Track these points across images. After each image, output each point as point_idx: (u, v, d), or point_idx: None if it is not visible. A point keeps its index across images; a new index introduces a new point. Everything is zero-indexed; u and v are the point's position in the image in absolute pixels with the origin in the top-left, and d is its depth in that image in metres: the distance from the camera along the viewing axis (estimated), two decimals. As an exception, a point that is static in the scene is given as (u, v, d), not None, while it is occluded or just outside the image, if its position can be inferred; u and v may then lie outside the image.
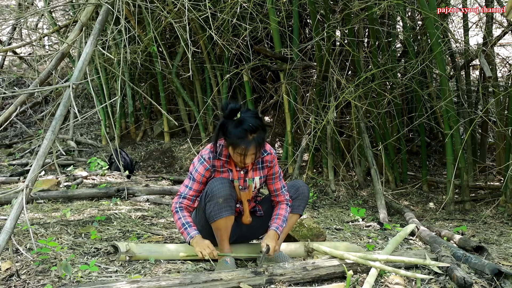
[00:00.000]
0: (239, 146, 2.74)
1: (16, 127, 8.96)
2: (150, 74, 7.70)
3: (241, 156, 2.77)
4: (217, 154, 2.87)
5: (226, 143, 2.81)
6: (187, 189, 2.87)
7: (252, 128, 2.74)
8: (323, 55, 5.58)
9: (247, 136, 2.73)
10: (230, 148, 2.79)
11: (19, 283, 2.53)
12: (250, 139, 2.73)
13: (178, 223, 2.83)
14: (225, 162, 2.89)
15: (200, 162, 2.86)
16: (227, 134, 2.77)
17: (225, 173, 2.89)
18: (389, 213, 4.89)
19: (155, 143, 7.69)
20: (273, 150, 3.02)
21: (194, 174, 2.86)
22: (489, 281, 2.67)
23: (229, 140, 2.77)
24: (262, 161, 2.98)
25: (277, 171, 3.03)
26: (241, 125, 2.74)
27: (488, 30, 6.00)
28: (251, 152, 2.76)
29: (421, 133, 6.48)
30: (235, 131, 2.74)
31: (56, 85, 3.21)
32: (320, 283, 2.65)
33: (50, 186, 4.93)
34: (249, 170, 2.94)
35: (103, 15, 3.49)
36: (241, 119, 2.76)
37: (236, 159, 2.81)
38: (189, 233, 2.78)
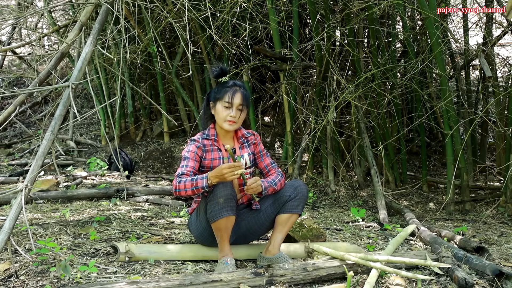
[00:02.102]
0: (226, 94, 2.92)
1: (16, 127, 8.95)
2: (150, 74, 7.70)
3: (229, 106, 2.90)
4: (205, 135, 2.99)
5: (214, 102, 2.97)
6: (183, 167, 2.86)
7: (238, 83, 3.00)
8: (323, 55, 5.57)
9: (234, 86, 2.96)
10: (218, 103, 2.94)
11: (18, 283, 2.52)
12: (237, 88, 2.95)
13: (187, 184, 2.73)
14: (214, 141, 2.98)
15: (191, 142, 2.97)
16: (215, 91, 2.98)
17: (215, 152, 2.96)
18: (389, 214, 4.89)
19: (155, 143, 7.69)
20: (255, 132, 3.18)
21: (187, 153, 2.91)
22: (490, 282, 2.66)
23: (218, 94, 2.95)
24: (247, 140, 3.10)
25: (262, 148, 3.16)
26: (228, 82, 3.00)
27: (488, 30, 6.00)
28: (238, 101, 2.92)
29: (421, 133, 6.47)
30: (221, 86, 2.98)
31: (56, 85, 3.20)
32: (321, 284, 2.64)
33: (50, 186, 4.92)
34: (236, 149, 3.04)
35: (102, 15, 3.48)
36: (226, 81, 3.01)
37: (223, 114, 2.92)
38: (202, 177, 2.72)
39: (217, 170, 2.70)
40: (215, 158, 2.95)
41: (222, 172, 2.67)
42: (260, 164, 3.13)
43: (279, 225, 2.98)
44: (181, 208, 4.57)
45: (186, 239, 3.44)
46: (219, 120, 2.96)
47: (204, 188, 2.72)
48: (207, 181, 2.71)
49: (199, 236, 3.03)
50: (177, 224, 3.92)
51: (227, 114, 2.92)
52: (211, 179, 2.71)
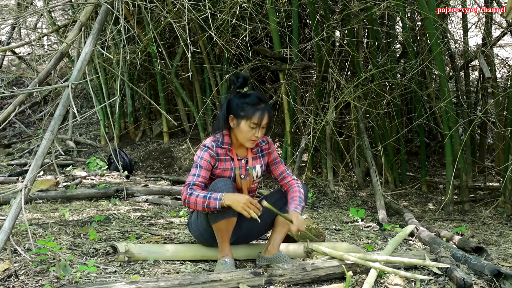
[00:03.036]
0: (255, 115, 2.74)
1: (15, 127, 8.95)
2: (150, 74, 7.70)
3: (256, 127, 2.76)
4: (219, 143, 2.86)
5: (238, 118, 2.78)
6: (195, 176, 2.78)
7: (263, 97, 2.81)
8: (322, 55, 5.58)
9: (260, 103, 2.77)
10: (243, 122, 2.76)
11: (18, 283, 2.53)
12: (264, 107, 2.77)
13: (199, 200, 2.66)
14: (227, 150, 2.88)
15: (204, 150, 2.83)
16: (239, 106, 2.78)
17: (227, 162, 2.87)
18: (389, 214, 4.89)
19: (154, 143, 7.69)
20: (269, 139, 3.05)
21: (200, 161, 2.80)
22: (488, 282, 2.67)
23: (243, 112, 2.76)
24: (261, 149, 3.00)
25: (276, 156, 3.06)
26: (252, 95, 2.80)
27: (488, 31, 6.01)
28: (265, 121, 2.78)
29: (420, 133, 6.48)
30: (248, 99, 2.78)
31: (55, 85, 3.21)
32: (320, 283, 2.64)
33: (49, 186, 4.92)
34: (249, 159, 2.94)
35: (102, 15, 3.49)
36: (247, 92, 2.82)
37: (247, 135, 2.78)
38: (216, 198, 2.63)
39: (237, 198, 2.63)
40: (227, 168, 2.87)
41: (240, 204, 2.61)
42: (274, 172, 3.05)
43: (279, 225, 2.98)
44: (180, 208, 4.57)
45: (185, 239, 3.44)
46: (241, 138, 2.83)
47: (216, 209, 2.66)
48: (221, 203, 2.63)
49: (199, 236, 3.02)
50: (176, 224, 3.92)
51: (252, 134, 2.79)
52: (226, 201, 2.63)
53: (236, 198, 2.64)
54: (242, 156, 2.94)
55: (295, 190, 2.98)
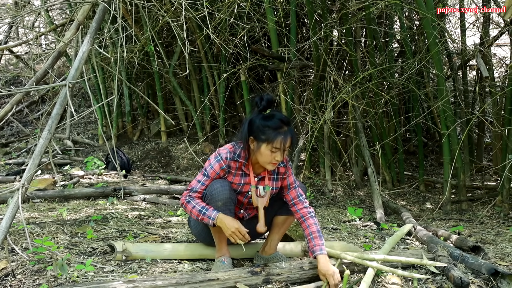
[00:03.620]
0: (277, 139, 2.60)
1: (13, 126, 8.94)
2: (147, 73, 7.69)
3: (278, 151, 2.63)
4: (236, 155, 2.75)
5: (258, 141, 2.65)
6: (199, 184, 2.73)
7: (287, 119, 2.68)
8: (320, 54, 5.58)
9: (283, 127, 2.64)
10: (264, 146, 2.63)
11: (15, 282, 2.52)
12: (287, 130, 2.64)
13: (194, 212, 2.67)
14: (242, 165, 2.77)
15: (216, 159, 2.73)
16: (260, 129, 2.64)
17: (237, 176, 2.78)
18: (386, 213, 4.90)
19: (152, 143, 7.68)
20: (288, 161, 2.89)
21: (208, 170, 2.74)
22: (485, 281, 2.67)
23: (264, 135, 2.63)
24: (277, 172, 2.86)
25: (292, 181, 2.88)
26: (274, 117, 2.66)
27: (485, 30, 6.01)
28: (288, 145, 2.65)
29: (418, 133, 6.48)
30: (270, 122, 2.64)
31: (53, 84, 3.20)
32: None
33: (47, 185, 4.92)
34: (266, 178, 2.83)
35: (100, 14, 3.48)
36: (270, 113, 2.68)
37: (268, 158, 2.65)
38: (210, 216, 2.63)
39: (229, 224, 2.60)
40: (236, 183, 2.78)
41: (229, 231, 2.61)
42: (286, 196, 2.89)
43: (276, 226, 2.98)
44: (178, 207, 4.57)
45: (183, 238, 3.44)
46: (261, 160, 2.70)
47: (209, 225, 2.68)
48: (214, 223, 2.63)
49: (197, 234, 3.03)
50: (174, 223, 3.92)
51: (273, 157, 2.65)
52: (218, 223, 2.62)
53: (227, 223, 2.62)
54: (257, 174, 2.83)
55: (311, 224, 2.80)
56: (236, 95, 7.32)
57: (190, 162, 6.95)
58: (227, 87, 6.94)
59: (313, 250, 2.70)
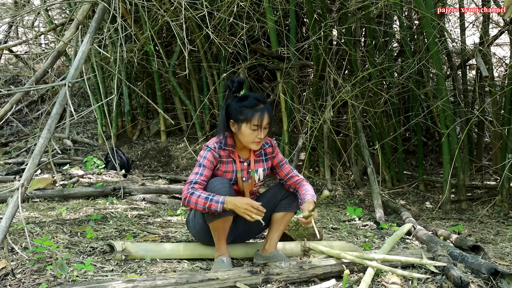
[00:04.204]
0: (254, 117, 2.72)
1: (12, 126, 8.94)
2: (147, 73, 7.69)
3: (257, 128, 2.73)
4: (222, 145, 2.83)
5: (238, 122, 2.77)
6: (198, 175, 2.75)
7: (262, 97, 2.81)
8: (320, 54, 5.58)
9: (259, 105, 2.75)
10: (244, 125, 2.74)
11: (14, 282, 2.52)
12: (263, 107, 2.75)
13: (200, 201, 2.63)
14: (230, 152, 2.86)
15: (207, 150, 2.81)
16: (237, 110, 2.76)
17: (229, 164, 2.86)
18: (386, 213, 4.90)
19: (152, 142, 7.68)
20: (273, 141, 3.01)
21: (203, 161, 2.78)
22: (485, 281, 2.67)
23: (242, 115, 2.75)
24: (265, 153, 2.96)
25: (281, 158, 3.01)
26: (249, 97, 2.79)
27: (485, 29, 6.01)
28: (266, 121, 2.75)
29: (417, 132, 6.48)
30: (246, 102, 2.76)
31: (52, 84, 3.20)
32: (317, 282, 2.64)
33: (46, 185, 4.91)
34: (251, 162, 2.91)
35: (99, 13, 3.48)
36: (245, 94, 2.83)
37: (250, 137, 2.76)
38: (218, 201, 2.61)
39: (240, 202, 2.60)
40: (229, 171, 2.85)
41: (243, 208, 2.59)
42: (280, 174, 3.01)
43: (275, 223, 2.98)
44: (177, 207, 4.57)
45: (182, 237, 3.44)
46: (244, 141, 2.80)
47: (218, 212, 2.64)
48: (223, 206, 2.61)
49: (196, 234, 3.03)
50: (173, 223, 3.92)
51: (255, 136, 2.75)
52: (228, 204, 2.61)
53: (238, 202, 2.62)
54: (245, 159, 2.91)
55: (305, 184, 2.96)
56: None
57: (190, 162, 6.95)
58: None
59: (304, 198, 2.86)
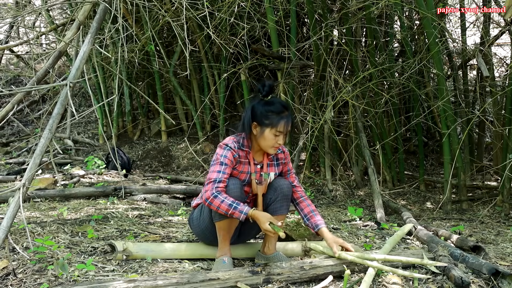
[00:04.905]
0: (280, 123, 2.75)
1: (13, 126, 8.94)
2: (148, 73, 7.69)
3: (280, 134, 2.77)
4: (241, 145, 2.85)
5: (262, 126, 2.78)
6: (221, 173, 2.75)
7: (286, 104, 2.84)
8: (320, 54, 5.58)
9: (284, 111, 2.79)
10: (268, 130, 2.76)
11: (16, 282, 2.53)
12: (288, 114, 2.80)
13: (223, 206, 2.65)
14: (247, 153, 2.88)
15: (226, 149, 2.81)
16: (264, 114, 2.77)
17: (245, 165, 2.87)
18: (387, 213, 4.89)
19: (152, 142, 7.68)
20: (285, 148, 3.05)
21: (223, 159, 2.78)
22: (486, 281, 2.67)
23: (268, 120, 2.76)
24: (277, 158, 3.00)
25: (291, 167, 3.06)
26: (275, 102, 2.80)
27: (486, 30, 6.01)
28: (288, 129, 2.80)
29: (418, 132, 6.48)
30: (273, 107, 2.78)
31: (54, 84, 3.20)
32: (317, 282, 2.64)
33: (47, 184, 4.92)
34: (264, 165, 2.94)
35: (100, 13, 3.48)
36: (271, 99, 2.83)
37: (271, 142, 2.79)
38: (242, 211, 2.63)
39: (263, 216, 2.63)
40: (244, 171, 2.87)
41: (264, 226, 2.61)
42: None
43: None
44: (178, 207, 4.57)
45: (183, 237, 3.44)
46: (264, 145, 2.82)
47: (240, 221, 2.69)
48: (244, 217, 2.63)
49: (200, 233, 3.02)
50: (174, 223, 3.92)
51: (275, 141, 2.79)
52: (252, 217, 2.64)
53: (261, 217, 2.64)
54: (258, 161, 2.94)
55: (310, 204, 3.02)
56: (237, 94, 7.32)
57: (191, 162, 6.96)
58: (227, 87, 6.94)
59: (317, 224, 2.92)
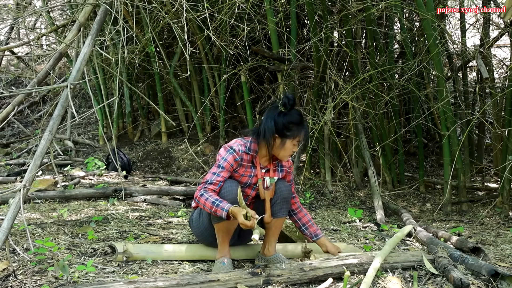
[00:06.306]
0: (300, 134, 2.83)
1: (14, 127, 8.95)
2: (148, 74, 7.70)
3: (298, 144, 2.84)
4: (247, 149, 2.87)
5: (283, 137, 2.82)
6: (215, 175, 2.79)
7: (301, 113, 2.91)
8: (320, 56, 5.58)
9: (303, 121, 2.86)
10: (289, 141, 2.82)
11: (16, 283, 2.53)
12: (304, 123, 2.87)
13: (208, 204, 2.70)
14: (253, 158, 2.90)
15: (229, 152, 2.84)
16: (286, 126, 2.82)
17: (248, 168, 2.90)
18: (386, 214, 4.90)
19: (153, 143, 7.69)
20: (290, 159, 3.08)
21: (222, 163, 2.82)
22: (485, 282, 2.67)
23: (290, 131, 2.81)
24: (281, 165, 3.03)
25: (291, 178, 3.11)
26: (293, 113, 2.85)
27: (485, 31, 6.02)
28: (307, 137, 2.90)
29: (418, 134, 6.49)
30: (293, 119, 2.83)
31: (54, 85, 3.21)
32: (317, 284, 2.65)
33: (47, 186, 4.92)
34: (271, 170, 2.97)
35: (101, 15, 3.49)
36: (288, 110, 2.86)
37: (290, 151, 2.86)
38: (223, 208, 2.65)
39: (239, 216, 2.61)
40: (246, 174, 2.91)
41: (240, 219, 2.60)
42: None
43: (269, 229, 2.99)
44: (178, 208, 4.58)
45: (183, 239, 3.45)
46: (282, 154, 2.87)
47: (222, 218, 2.70)
48: (225, 214, 2.64)
49: (199, 234, 3.03)
50: (174, 224, 3.93)
51: (293, 150, 2.87)
52: (232, 214, 2.65)
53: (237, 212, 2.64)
54: (263, 166, 2.96)
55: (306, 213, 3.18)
56: (237, 96, 7.32)
57: (191, 163, 6.96)
58: (227, 88, 6.95)
59: (316, 234, 3.10)
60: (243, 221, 2.60)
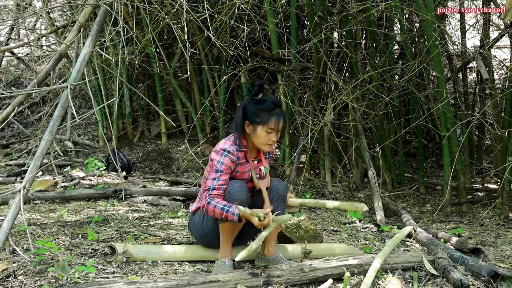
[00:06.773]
0: (271, 120, 2.82)
1: (14, 127, 8.95)
2: (148, 75, 7.70)
3: (273, 131, 2.84)
4: (239, 147, 2.89)
5: (254, 124, 2.85)
6: (215, 180, 2.81)
7: (278, 102, 2.91)
8: (320, 56, 5.59)
9: (276, 109, 2.85)
10: (260, 128, 2.83)
11: (16, 284, 2.53)
12: (279, 112, 2.85)
13: (217, 211, 2.73)
14: (245, 153, 2.93)
15: (224, 155, 2.84)
16: (255, 113, 2.85)
17: (245, 165, 2.93)
18: (386, 215, 4.90)
19: (153, 144, 7.69)
20: None
21: (220, 166, 2.82)
22: (485, 283, 2.68)
23: (259, 118, 2.83)
24: (268, 152, 3.09)
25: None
26: (267, 101, 2.87)
27: (485, 32, 6.02)
28: (281, 125, 2.86)
29: (418, 135, 6.49)
30: (264, 105, 2.84)
31: (54, 86, 3.21)
32: (317, 284, 2.65)
33: (47, 186, 4.92)
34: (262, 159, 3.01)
35: (101, 16, 3.49)
36: (263, 98, 2.89)
37: (264, 139, 2.86)
38: (234, 212, 2.68)
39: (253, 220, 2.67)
40: (245, 171, 2.94)
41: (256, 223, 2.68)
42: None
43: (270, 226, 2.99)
44: (178, 209, 4.58)
45: (183, 239, 3.45)
46: (257, 142, 2.89)
47: (234, 221, 2.72)
48: (237, 218, 2.68)
49: (202, 236, 3.02)
50: (174, 225, 3.93)
51: (269, 138, 2.86)
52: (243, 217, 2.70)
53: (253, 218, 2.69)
54: (254, 157, 3.01)
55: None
56: (237, 97, 7.33)
57: (191, 164, 6.96)
58: (227, 89, 6.95)
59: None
60: (259, 223, 2.66)
